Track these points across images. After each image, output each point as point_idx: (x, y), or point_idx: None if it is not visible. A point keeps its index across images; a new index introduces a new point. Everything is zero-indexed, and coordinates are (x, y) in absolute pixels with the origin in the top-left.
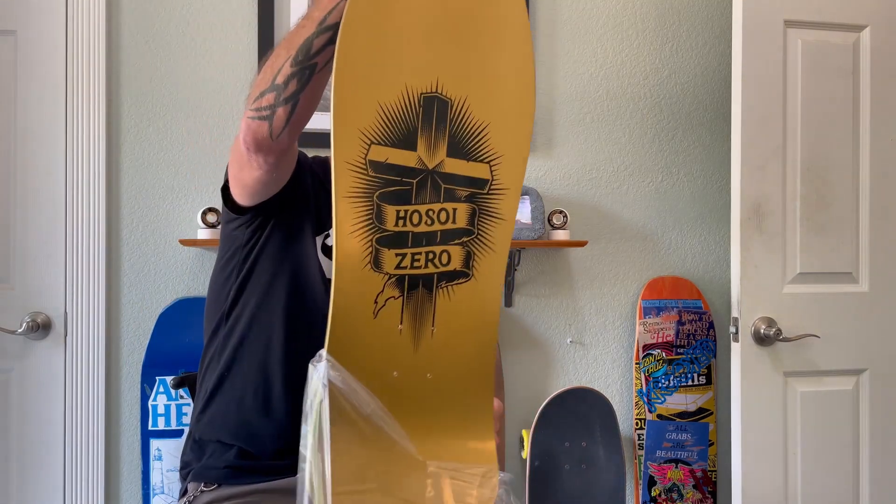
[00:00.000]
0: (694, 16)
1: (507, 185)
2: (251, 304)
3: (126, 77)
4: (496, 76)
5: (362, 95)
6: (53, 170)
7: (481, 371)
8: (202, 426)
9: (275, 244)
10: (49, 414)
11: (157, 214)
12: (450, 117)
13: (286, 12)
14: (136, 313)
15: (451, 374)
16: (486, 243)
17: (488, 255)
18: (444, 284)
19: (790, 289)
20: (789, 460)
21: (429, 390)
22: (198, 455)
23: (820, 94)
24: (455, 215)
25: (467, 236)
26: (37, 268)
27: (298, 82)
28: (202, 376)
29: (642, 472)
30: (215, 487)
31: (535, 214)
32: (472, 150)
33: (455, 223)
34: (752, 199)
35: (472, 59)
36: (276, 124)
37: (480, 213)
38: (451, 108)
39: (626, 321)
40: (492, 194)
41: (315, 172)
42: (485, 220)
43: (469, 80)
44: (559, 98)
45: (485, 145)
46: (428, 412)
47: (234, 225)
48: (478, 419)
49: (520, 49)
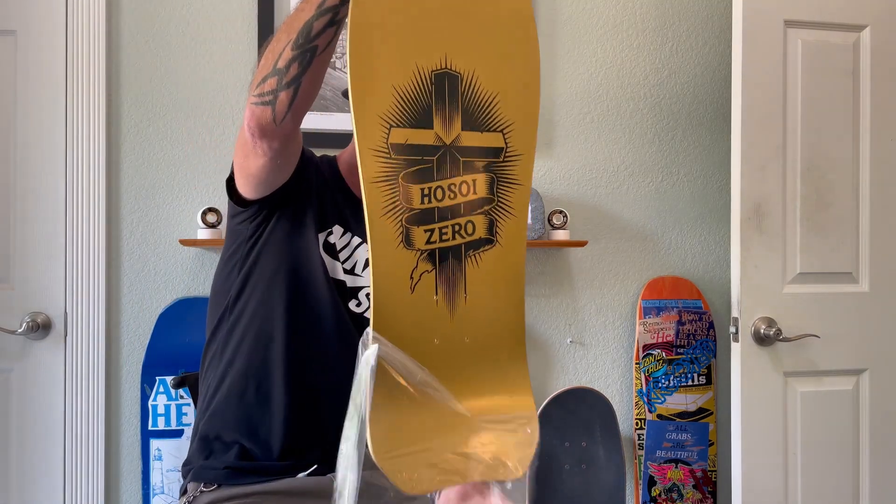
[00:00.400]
0: (694, 16)
1: (521, 151)
2: (253, 299)
3: (126, 77)
4: (501, 46)
5: (378, 81)
6: (53, 170)
7: (514, 329)
8: (205, 422)
9: (277, 238)
10: (49, 414)
11: (157, 214)
12: (461, 91)
13: (286, 12)
14: (136, 313)
15: (486, 336)
16: (506, 209)
17: (509, 220)
18: (471, 253)
19: (790, 289)
20: (789, 460)
21: (468, 353)
22: (200, 454)
23: (820, 94)
24: (475, 186)
25: (488, 204)
26: (37, 268)
27: (300, 66)
28: (204, 372)
29: (642, 472)
30: (215, 488)
31: (535, 214)
32: (486, 121)
33: (476, 193)
34: (752, 199)
35: (476, 33)
36: (280, 108)
37: (499, 180)
38: (462, 81)
39: (626, 321)
40: (507, 161)
41: (320, 170)
42: (503, 187)
43: (476, 53)
44: (559, 98)
45: (497, 115)
46: (469, 373)
47: (240, 219)
48: (515, 375)
49: (521, 15)
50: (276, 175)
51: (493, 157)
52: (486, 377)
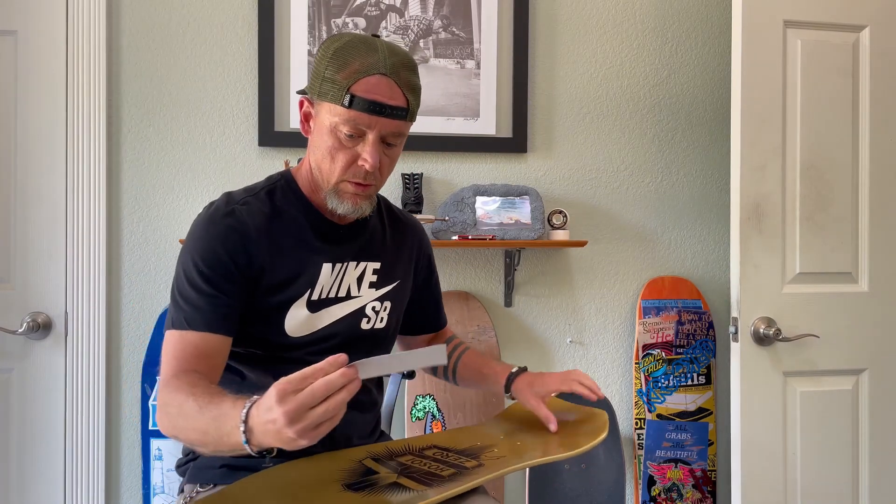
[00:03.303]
0: (694, 16)
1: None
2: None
3: (126, 77)
4: None
5: None
6: (53, 170)
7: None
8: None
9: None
10: (49, 414)
11: (157, 214)
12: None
13: (286, 12)
14: (136, 313)
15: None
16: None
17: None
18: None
19: (790, 289)
20: (789, 460)
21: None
22: (194, 454)
23: (820, 94)
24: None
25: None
26: (37, 268)
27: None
28: None
29: (642, 472)
30: (211, 488)
31: (535, 214)
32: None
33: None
34: (752, 199)
35: None
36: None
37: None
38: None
39: (625, 321)
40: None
41: (258, 239)
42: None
43: None
44: (559, 98)
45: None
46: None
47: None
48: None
49: None
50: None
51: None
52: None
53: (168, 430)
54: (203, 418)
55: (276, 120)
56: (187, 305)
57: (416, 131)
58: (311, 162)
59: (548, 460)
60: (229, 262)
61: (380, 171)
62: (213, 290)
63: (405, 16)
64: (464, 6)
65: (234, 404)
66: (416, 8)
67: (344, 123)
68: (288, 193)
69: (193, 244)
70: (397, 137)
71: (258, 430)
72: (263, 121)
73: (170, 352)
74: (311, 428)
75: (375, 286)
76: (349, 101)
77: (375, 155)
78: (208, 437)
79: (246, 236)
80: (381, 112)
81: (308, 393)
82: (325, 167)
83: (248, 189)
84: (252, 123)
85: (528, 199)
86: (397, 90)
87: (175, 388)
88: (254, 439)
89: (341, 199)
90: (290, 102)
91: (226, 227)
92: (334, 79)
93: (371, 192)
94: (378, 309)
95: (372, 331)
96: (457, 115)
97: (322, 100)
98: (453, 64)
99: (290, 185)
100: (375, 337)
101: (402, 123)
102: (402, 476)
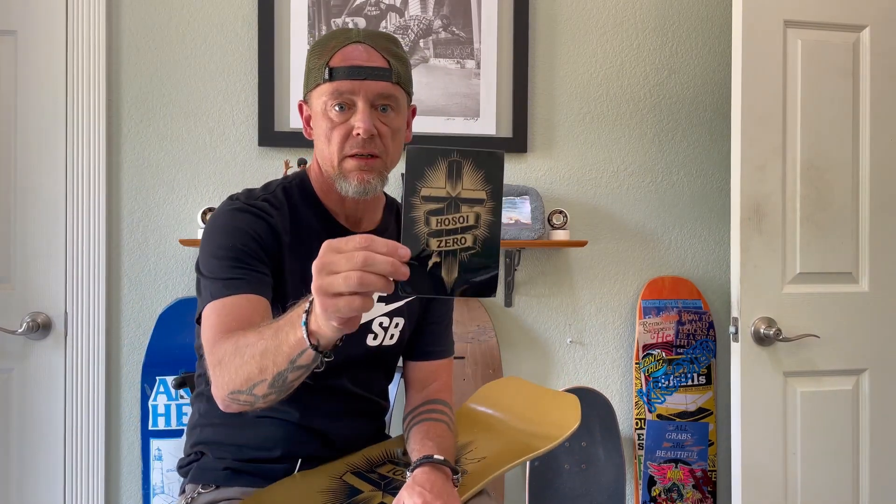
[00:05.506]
0: (694, 16)
1: (495, 201)
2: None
3: (126, 77)
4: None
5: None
6: (53, 170)
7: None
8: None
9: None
10: (49, 414)
11: (157, 214)
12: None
13: (286, 12)
14: (136, 313)
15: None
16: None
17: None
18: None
19: (790, 289)
20: (789, 460)
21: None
22: (197, 455)
23: (820, 93)
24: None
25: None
26: (37, 268)
27: (277, 395)
28: (197, 376)
29: (642, 472)
30: (213, 489)
31: (535, 214)
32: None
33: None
34: (752, 199)
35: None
36: (257, 408)
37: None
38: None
39: (625, 321)
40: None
41: (266, 233)
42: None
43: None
44: (559, 98)
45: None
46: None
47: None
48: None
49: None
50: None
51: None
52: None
53: (229, 381)
54: (262, 338)
55: (276, 120)
56: (221, 278)
57: (417, 131)
58: (317, 158)
59: (528, 458)
60: (259, 244)
61: (381, 140)
62: (246, 264)
63: (405, 16)
64: (464, 6)
65: (293, 309)
66: (416, 8)
67: (330, 97)
68: (303, 196)
69: (223, 228)
70: (388, 100)
71: (312, 316)
72: (263, 121)
73: (211, 320)
74: (329, 297)
75: (385, 300)
76: (329, 74)
77: (367, 119)
78: (267, 355)
79: (273, 227)
80: (360, 74)
81: (327, 261)
82: (326, 150)
83: (265, 187)
84: (252, 123)
85: (529, 198)
86: (375, 53)
87: (225, 339)
88: (311, 323)
89: (348, 180)
90: (290, 102)
91: (254, 215)
92: (315, 65)
93: (377, 165)
94: (387, 325)
95: (379, 348)
96: (457, 115)
97: (310, 90)
98: (453, 64)
99: (304, 187)
100: (384, 355)
101: (388, 85)
102: (387, 494)
